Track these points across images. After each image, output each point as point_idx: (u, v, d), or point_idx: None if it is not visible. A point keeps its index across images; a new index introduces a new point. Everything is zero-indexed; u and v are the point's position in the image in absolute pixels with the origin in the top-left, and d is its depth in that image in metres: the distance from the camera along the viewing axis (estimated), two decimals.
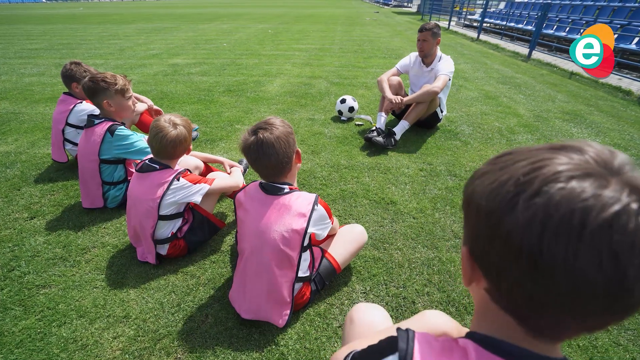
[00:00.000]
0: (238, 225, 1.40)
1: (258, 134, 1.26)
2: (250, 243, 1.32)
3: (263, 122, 1.29)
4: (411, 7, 29.29)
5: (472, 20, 14.26)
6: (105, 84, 1.91)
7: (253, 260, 1.32)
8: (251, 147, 1.26)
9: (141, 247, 1.72)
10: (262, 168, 1.31)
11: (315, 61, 6.63)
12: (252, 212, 1.33)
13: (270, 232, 1.27)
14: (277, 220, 1.28)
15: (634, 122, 4.02)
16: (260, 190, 1.34)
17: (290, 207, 1.29)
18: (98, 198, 2.10)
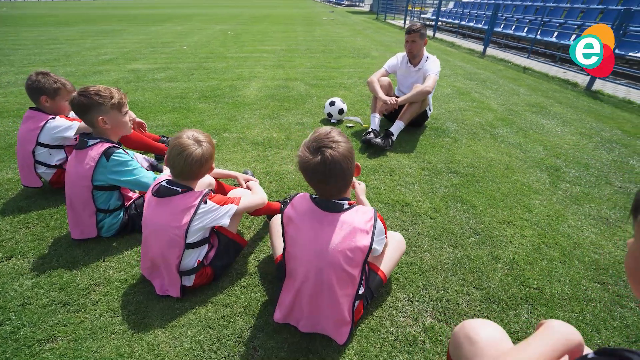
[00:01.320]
0: (288, 244, 1.29)
1: (324, 153, 1.15)
2: (308, 263, 1.22)
3: (324, 138, 1.18)
4: (363, 7, 30.05)
5: (425, 19, 14.93)
6: (99, 99, 1.67)
7: (311, 280, 1.22)
8: (317, 168, 1.15)
9: (159, 279, 1.54)
10: (326, 188, 1.22)
11: (286, 63, 6.50)
12: (306, 230, 1.23)
13: (332, 251, 1.19)
14: (339, 239, 1.19)
15: (588, 111, 4.44)
16: (314, 206, 1.25)
17: (352, 224, 1.21)
18: (91, 227, 1.84)
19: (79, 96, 1.67)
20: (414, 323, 1.49)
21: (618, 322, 1.54)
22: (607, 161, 3.05)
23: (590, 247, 1.98)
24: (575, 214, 2.28)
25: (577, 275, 1.78)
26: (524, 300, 1.63)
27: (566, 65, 7.37)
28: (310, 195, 1.30)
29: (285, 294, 1.32)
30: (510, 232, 2.08)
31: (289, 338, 1.39)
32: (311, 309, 1.27)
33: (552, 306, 1.60)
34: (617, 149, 3.30)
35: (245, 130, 3.40)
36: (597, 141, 3.48)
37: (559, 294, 1.66)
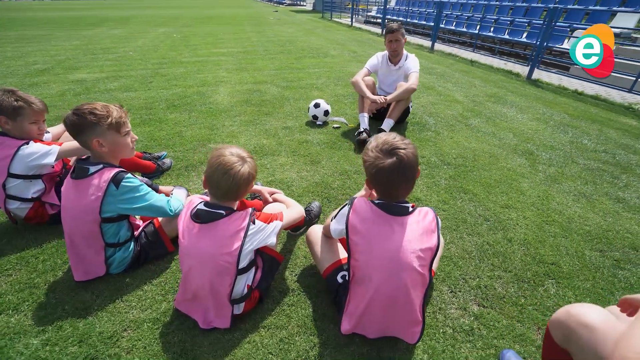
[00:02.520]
0: (356, 252, 1.26)
1: (398, 154, 1.17)
2: (383, 268, 1.22)
3: (395, 141, 1.21)
4: (305, 5, 30.19)
5: (370, 17, 15.45)
6: (93, 118, 1.46)
7: (387, 285, 1.22)
8: (392, 168, 1.17)
9: (200, 312, 1.41)
10: (397, 190, 1.24)
11: (249, 65, 6.30)
12: (377, 236, 1.23)
13: (405, 254, 1.20)
14: (411, 241, 1.21)
15: (535, 98, 4.97)
16: (380, 211, 1.25)
17: (419, 225, 1.24)
18: (98, 265, 1.62)
19: (72, 115, 1.46)
20: (464, 313, 1.56)
21: (623, 283, 1.76)
22: (566, 142, 3.44)
23: (580, 221, 2.23)
24: (558, 192, 2.55)
25: (579, 247, 2.00)
26: (547, 276, 1.78)
27: (505, 57, 8.17)
28: (371, 201, 1.29)
29: (356, 303, 1.30)
30: (514, 215, 2.26)
31: (357, 349, 1.37)
32: (385, 313, 1.27)
33: (571, 278, 1.78)
34: (570, 131, 3.74)
35: (231, 139, 3.24)
36: (552, 125, 3.91)
37: (572, 266, 1.85)
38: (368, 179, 1.31)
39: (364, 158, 1.26)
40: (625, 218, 2.28)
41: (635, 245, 2.03)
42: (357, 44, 9.45)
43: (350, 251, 1.29)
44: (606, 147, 3.36)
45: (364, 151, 1.28)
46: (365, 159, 1.24)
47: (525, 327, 1.50)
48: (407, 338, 1.32)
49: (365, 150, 1.27)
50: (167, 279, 1.68)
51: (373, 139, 1.29)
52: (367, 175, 1.28)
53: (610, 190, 2.60)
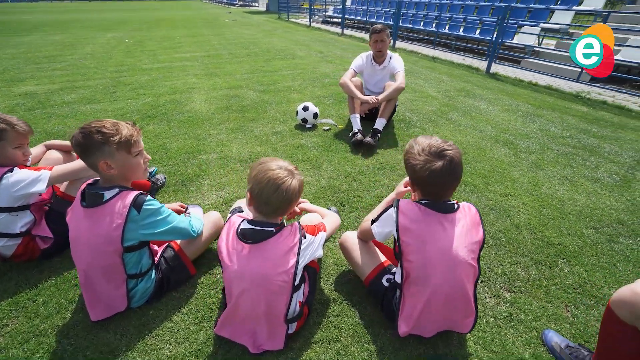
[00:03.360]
0: (407, 254, 1.26)
1: (446, 155, 1.20)
2: (439, 266, 1.24)
3: (441, 143, 1.23)
4: (258, 6, 29.75)
5: (328, 17, 15.60)
6: (100, 137, 1.30)
7: (447, 282, 1.25)
8: (443, 169, 1.19)
9: (248, 336, 1.33)
10: (447, 190, 1.27)
11: (217, 70, 6.06)
12: (431, 235, 1.25)
13: (459, 249, 1.24)
14: (462, 236, 1.25)
15: (499, 91, 5.35)
16: (430, 210, 1.27)
17: (467, 220, 1.29)
18: (119, 299, 1.46)
19: (78, 134, 1.30)
20: (498, 300, 1.63)
21: (621, 255, 1.96)
22: (537, 130, 3.74)
23: (570, 202, 2.44)
24: (544, 178, 2.77)
25: (577, 226, 2.19)
26: (558, 256, 1.93)
27: (461, 53, 8.68)
28: (416, 201, 1.31)
29: (412, 304, 1.31)
30: (514, 202, 2.41)
31: (414, 350, 1.38)
32: (443, 310, 1.30)
33: (578, 256, 1.93)
34: (536, 120, 4.08)
35: (222, 148, 3.09)
36: (520, 115, 4.23)
37: (576, 245, 2.02)
38: (413, 181, 1.32)
39: (412, 162, 1.26)
40: (605, 196, 2.54)
41: (620, 219, 2.27)
42: (321, 44, 9.49)
43: (402, 253, 1.30)
44: (570, 133, 3.70)
45: (410, 155, 1.28)
46: (415, 163, 1.24)
47: (554, 307, 1.61)
48: (461, 329, 1.36)
49: (410, 154, 1.27)
50: (197, 305, 1.56)
51: (414, 143, 1.30)
52: (414, 178, 1.29)
53: (585, 172, 2.87)
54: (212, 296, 1.61)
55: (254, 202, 1.27)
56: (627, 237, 2.10)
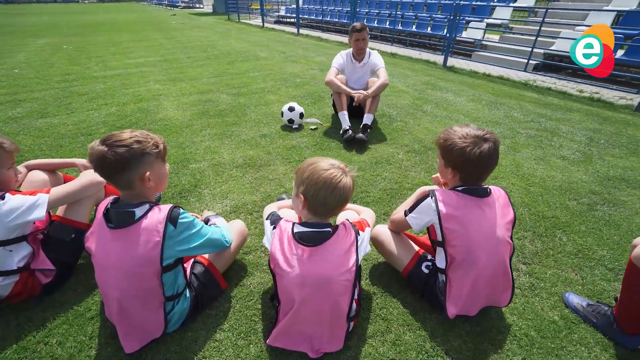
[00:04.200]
0: (451, 240, 1.33)
1: (489, 139, 1.28)
2: (484, 247, 1.33)
3: (475, 129, 1.32)
4: (202, 7, 28.64)
5: (281, 17, 15.49)
6: (141, 147, 1.20)
7: (491, 261, 1.34)
8: (489, 153, 1.27)
9: (307, 342, 1.30)
10: (487, 173, 1.36)
11: (181, 75, 5.75)
12: (474, 219, 1.33)
13: (499, 229, 1.34)
14: (500, 217, 1.36)
15: (460, 82, 5.73)
16: (468, 196, 1.35)
17: (500, 202, 1.39)
18: (156, 325, 1.34)
19: (110, 149, 1.15)
20: (518, 273, 1.78)
21: (603, 221, 2.22)
22: (503, 117, 4.08)
23: (550, 179, 2.71)
24: (523, 159, 3.03)
25: (561, 200, 2.43)
26: (554, 228, 2.13)
27: (416, 48, 9.14)
28: (452, 189, 1.38)
29: (459, 286, 1.37)
30: (505, 184, 2.62)
31: (462, 328, 1.45)
32: (488, 288, 1.39)
33: (570, 225, 2.16)
34: (500, 107, 4.44)
35: (212, 155, 2.95)
36: (485, 104, 4.58)
37: (566, 216, 2.25)
38: (456, 166, 1.36)
39: (459, 146, 1.28)
40: (575, 171, 2.85)
41: (593, 190, 2.56)
42: (281, 44, 9.42)
43: (444, 239, 1.36)
44: (531, 118, 4.09)
45: (453, 142, 1.30)
46: (463, 146, 1.28)
47: (565, 272, 1.78)
48: (501, 302, 1.46)
49: (453, 141, 1.31)
50: (238, 320, 1.49)
51: (451, 131, 1.35)
52: (460, 162, 1.31)
53: (554, 152, 3.20)
54: (251, 308, 1.54)
55: (309, 204, 1.24)
56: (602, 205, 2.38)
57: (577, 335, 1.45)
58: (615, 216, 2.26)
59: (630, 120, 4.11)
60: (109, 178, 1.22)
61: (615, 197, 2.47)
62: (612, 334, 1.43)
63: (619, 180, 2.70)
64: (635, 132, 3.74)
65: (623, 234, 2.08)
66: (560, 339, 1.44)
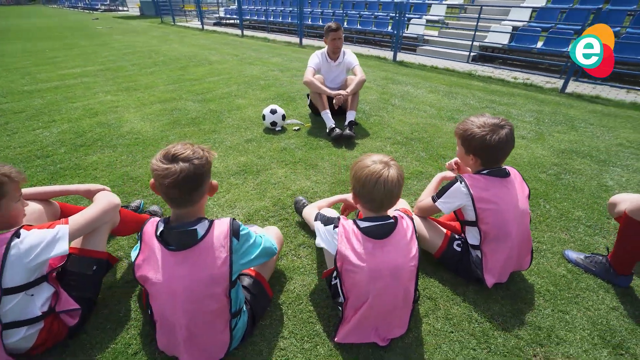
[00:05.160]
0: (484, 218, 1.49)
1: (505, 126, 1.45)
2: (515, 221, 1.52)
3: (490, 117, 1.49)
4: (127, 10, 26.44)
5: (221, 18, 14.93)
6: (206, 157, 1.18)
7: (521, 231, 1.53)
8: (506, 139, 1.45)
9: (373, 333, 1.35)
10: (505, 156, 1.53)
11: (132, 84, 5.30)
12: (503, 198, 1.50)
13: (522, 203, 1.55)
14: (520, 192, 1.56)
15: (414, 76, 6.13)
16: (493, 177, 1.53)
17: (517, 179, 1.59)
18: (222, 345, 1.27)
19: (190, 163, 1.11)
20: None
21: (570, 187, 2.59)
22: (462, 105, 4.49)
23: (519, 157, 3.07)
24: None
25: (534, 173, 2.79)
26: (537, 198, 2.45)
27: (366, 45, 9.52)
28: (476, 173, 1.54)
29: (494, 259, 1.54)
30: None
31: (498, 295, 1.63)
32: (518, 256, 1.58)
33: (548, 194, 2.49)
34: (456, 97, 4.87)
35: None
36: (443, 94, 4.98)
37: (542, 187, 2.59)
38: (477, 152, 1.52)
39: (480, 134, 1.44)
40: (535, 148, 3.27)
41: (554, 162, 2.97)
42: (229, 47, 9.13)
43: (478, 218, 1.51)
44: (485, 104, 4.56)
45: (472, 131, 1.46)
46: (483, 134, 1.44)
47: (558, 234, 2.07)
48: (523, 266, 1.66)
49: (472, 130, 1.47)
50: (296, 325, 1.49)
51: (469, 122, 1.50)
52: (481, 148, 1.48)
53: None
54: (304, 311, 1.55)
55: (360, 200, 1.29)
56: (565, 174, 2.78)
57: (583, 283, 1.71)
58: (577, 182, 2.66)
59: (560, 101, 4.80)
60: (187, 194, 1.15)
61: (572, 167, 2.90)
62: (609, 277, 1.71)
63: (570, 152, 3.17)
64: (567, 110, 4.38)
65: (588, 196, 2.47)
66: (572, 289, 1.68)
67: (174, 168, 1.09)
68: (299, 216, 2.15)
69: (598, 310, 1.57)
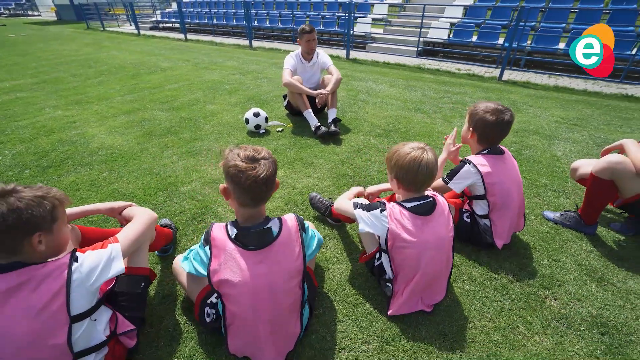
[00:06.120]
0: (492, 191, 1.76)
1: (508, 110, 1.72)
2: (515, 191, 1.81)
3: (494, 103, 1.74)
4: (40, 15, 23.56)
5: (158, 22, 14.06)
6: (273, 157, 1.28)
7: (519, 201, 1.83)
8: (510, 120, 1.73)
9: (419, 302, 1.53)
10: (505, 137, 1.82)
11: (83, 97, 4.85)
12: (503, 173, 1.78)
13: (518, 174, 1.87)
14: (517, 166, 1.88)
15: (370, 71, 6.47)
16: (493, 155, 1.82)
17: (509, 154, 1.89)
18: (294, 336, 1.35)
19: (268, 161, 1.20)
20: None
21: (530, 160, 3.03)
22: (423, 97, 4.89)
23: None
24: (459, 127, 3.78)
25: None
26: None
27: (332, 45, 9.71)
28: (477, 154, 1.79)
29: (501, 224, 1.82)
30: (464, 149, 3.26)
31: (506, 255, 1.90)
32: (518, 219, 1.87)
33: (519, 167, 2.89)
34: (415, 89, 5.28)
35: (198, 174, 2.74)
36: (402, 88, 5.36)
37: None
38: (482, 133, 1.77)
39: (488, 117, 1.69)
40: None
41: (513, 141, 3.43)
42: (176, 52, 8.72)
43: (487, 192, 1.77)
44: (442, 94, 5.03)
45: (481, 115, 1.72)
46: (490, 118, 1.70)
47: (533, 199, 2.44)
48: (519, 228, 1.95)
49: (481, 115, 1.72)
50: (346, 308, 1.60)
51: (477, 107, 1.75)
52: (488, 129, 1.73)
53: None
54: (350, 295, 1.66)
55: (403, 184, 1.45)
56: (524, 150, 3.24)
57: (564, 236, 2.08)
58: (535, 155, 3.12)
59: (501, 88, 5.47)
60: (266, 192, 1.22)
61: (527, 143, 3.38)
62: (580, 228, 2.10)
63: (522, 131, 3.67)
64: (509, 95, 5.03)
65: (546, 166, 2.92)
66: (557, 241, 2.03)
67: (258, 167, 1.16)
68: (315, 211, 2.25)
69: (580, 255, 1.93)
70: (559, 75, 6.26)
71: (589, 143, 3.39)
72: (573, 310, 1.60)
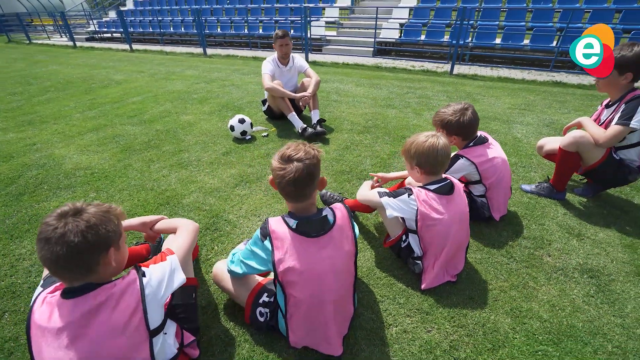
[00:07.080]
0: (486, 177, 2.00)
1: (468, 107, 1.99)
2: (504, 170, 2.06)
3: (454, 104, 2.01)
4: None
5: (95, 32, 13.03)
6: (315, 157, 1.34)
7: (508, 178, 2.10)
8: (473, 116, 2.00)
9: (446, 272, 1.72)
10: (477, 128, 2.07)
11: (34, 117, 4.42)
12: (492, 156, 2.03)
13: (505, 157, 2.12)
14: (501, 150, 2.14)
15: (332, 73, 6.70)
16: (479, 146, 2.06)
17: (493, 140, 2.15)
18: (350, 315, 1.46)
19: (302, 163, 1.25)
20: None
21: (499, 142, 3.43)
22: (389, 93, 5.20)
23: None
24: (429, 119, 4.11)
25: None
26: None
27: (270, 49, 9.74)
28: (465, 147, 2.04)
29: (497, 199, 2.08)
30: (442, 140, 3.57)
31: (501, 225, 2.16)
32: (507, 194, 2.13)
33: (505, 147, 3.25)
34: (380, 87, 5.59)
35: (196, 185, 2.70)
36: (368, 86, 5.64)
37: None
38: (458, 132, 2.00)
39: (454, 119, 1.94)
40: None
41: None
42: (126, 63, 8.23)
43: (482, 177, 2.03)
44: (405, 90, 5.39)
45: (448, 118, 1.96)
46: (456, 119, 1.94)
47: None
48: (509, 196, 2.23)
49: (447, 118, 1.96)
50: (381, 289, 1.73)
51: (442, 112, 2.01)
52: (460, 128, 1.97)
53: None
54: (382, 278, 1.80)
55: (424, 169, 1.63)
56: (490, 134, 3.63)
57: (541, 203, 2.41)
58: (499, 138, 3.52)
59: (454, 82, 5.99)
60: (301, 190, 1.28)
61: (491, 128, 3.80)
62: (553, 195, 2.45)
63: (484, 118, 4.10)
64: (463, 87, 5.54)
65: (511, 147, 3.32)
66: (538, 209, 2.35)
67: (289, 168, 1.24)
68: None
69: (558, 217, 2.26)
70: (499, 67, 7.01)
71: (540, 124, 3.90)
72: (565, 262, 1.89)
